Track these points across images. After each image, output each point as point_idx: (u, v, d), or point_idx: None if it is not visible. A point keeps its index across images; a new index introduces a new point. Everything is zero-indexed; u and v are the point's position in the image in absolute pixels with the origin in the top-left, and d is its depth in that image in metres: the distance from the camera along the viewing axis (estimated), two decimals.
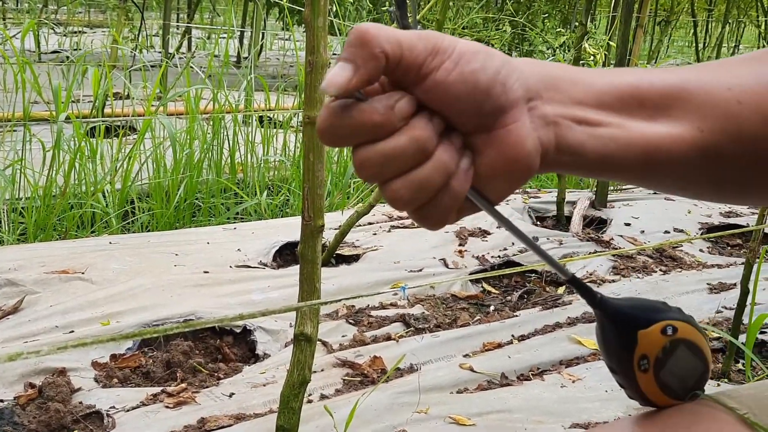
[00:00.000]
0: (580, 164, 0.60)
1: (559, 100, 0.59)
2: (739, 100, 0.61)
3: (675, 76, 0.63)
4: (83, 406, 1.68)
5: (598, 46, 4.87)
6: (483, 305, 2.40)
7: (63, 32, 7.77)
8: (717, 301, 2.40)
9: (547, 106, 0.58)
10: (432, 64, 0.54)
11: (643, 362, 0.65)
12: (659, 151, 0.60)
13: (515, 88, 0.56)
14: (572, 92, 0.59)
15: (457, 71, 0.54)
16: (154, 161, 3.22)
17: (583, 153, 0.59)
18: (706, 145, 0.61)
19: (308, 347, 1.33)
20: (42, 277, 2.22)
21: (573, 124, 0.59)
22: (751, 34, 10.00)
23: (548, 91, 0.58)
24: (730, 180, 0.64)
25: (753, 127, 0.61)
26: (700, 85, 0.62)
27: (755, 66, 0.64)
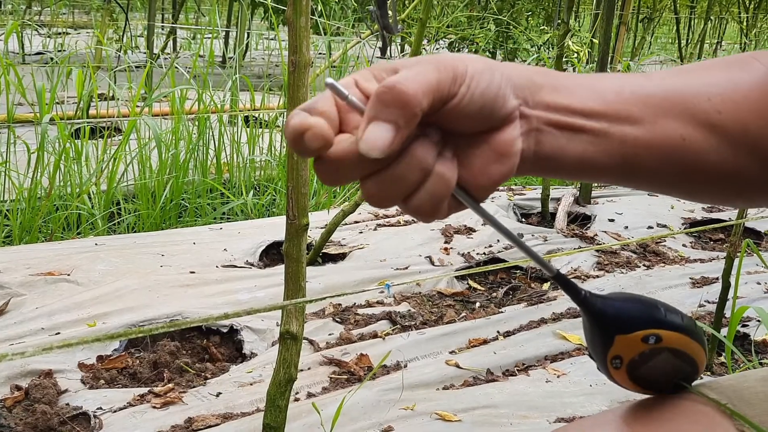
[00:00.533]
0: (559, 168, 0.61)
1: (544, 105, 0.60)
2: (718, 110, 0.63)
3: (656, 85, 0.63)
4: (70, 407, 1.68)
5: (582, 44, 4.90)
6: (469, 302, 2.41)
7: (47, 33, 7.73)
8: (700, 295, 2.43)
9: (533, 112, 0.59)
10: (453, 90, 0.55)
11: (615, 361, 0.66)
12: (640, 158, 0.61)
13: (511, 98, 0.58)
14: (555, 98, 0.60)
15: (469, 94, 0.55)
16: (140, 162, 3.21)
17: (562, 158, 0.60)
18: (688, 153, 0.62)
19: (294, 345, 1.34)
20: (28, 279, 2.21)
21: (554, 130, 0.60)
22: (732, 31, 10.07)
23: (533, 96, 0.59)
24: (711, 184, 0.65)
25: (733, 136, 0.63)
26: (681, 94, 0.63)
27: (733, 73, 0.65)
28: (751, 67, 0.65)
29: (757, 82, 0.64)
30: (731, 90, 0.63)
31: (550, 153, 0.60)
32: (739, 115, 0.63)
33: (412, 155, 0.55)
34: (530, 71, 0.61)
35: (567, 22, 2.96)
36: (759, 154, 0.63)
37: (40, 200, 2.87)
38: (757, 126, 0.63)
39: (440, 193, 0.56)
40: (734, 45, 9.54)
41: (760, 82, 0.64)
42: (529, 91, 0.59)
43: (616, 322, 0.64)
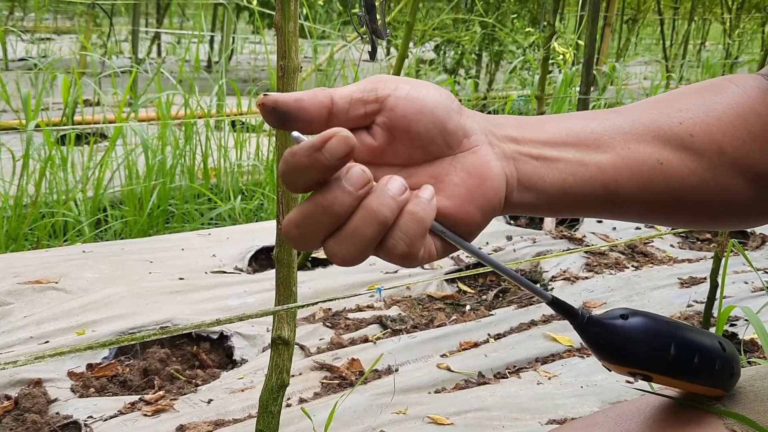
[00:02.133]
0: (544, 201, 0.60)
1: (511, 138, 0.59)
2: (690, 133, 0.63)
3: (623, 116, 0.64)
4: (60, 416, 1.67)
5: (567, 46, 4.92)
6: (459, 305, 2.41)
7: (30, 39, 7.68)
8: (688, 295, 2.44)
9: (501, 143, 0.59)
10: (386, 86, 0.55)
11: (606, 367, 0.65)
12: (620, 185, 0.61)
13: (470, 121, 0.58)
14: (521, 133, 0.60)
15: (414, 90, 0.56)
16: (126, 168, 3.20)
17: (544, 188, 0.60)
18: (668, 177, 0.63)
19: (286, 351, 1.33)
20: (15, 287, 2.20)
21: (530, 160, 0.59)
22: (716, 31, 10.14)
23: (497, 129, 0.59)
24: (696, 207, 0.65)
25: (709, 157, 0.63)
26: (651, 122, 0.63)
27: (705, 97, 0.66)
28: (725, 90, 0.66)
29: (731, 104, 0.65)
30: (703, 113, 0.64)
31: (532, 183, 0.59)
32: (712, 137, 0.63)
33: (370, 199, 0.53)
34: (485, 114, 0.61)
35: (553, 24, 2.97)
36: (741, 173, 0.64)
37: (26, 207, 2.85)
38: (733, 146, 0.63)
39: (413, 231, 0.53)
40: (718, 45, 9.61)
41: (733, 103, 0.65)
42: (490, 125, 0.59)
43: (605, 351, 0.62)
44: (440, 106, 0.56)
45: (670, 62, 7.58)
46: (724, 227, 0.69)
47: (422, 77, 5.60)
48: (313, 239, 0.53)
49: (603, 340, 0.62)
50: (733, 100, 0.65)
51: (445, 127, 0.56)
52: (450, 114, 0.56)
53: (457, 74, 5.90)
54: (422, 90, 0.56)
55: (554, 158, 0.60)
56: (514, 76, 5.63)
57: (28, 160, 2.88)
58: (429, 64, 6.13)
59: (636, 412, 0.71)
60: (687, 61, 7.93)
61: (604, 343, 0.62)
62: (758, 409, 0.68)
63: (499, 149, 0.58)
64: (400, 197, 0.53)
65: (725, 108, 0.64)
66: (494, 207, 0.57)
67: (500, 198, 0.57)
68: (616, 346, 0.62)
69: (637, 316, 0.63)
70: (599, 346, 0.62)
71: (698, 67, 8.05)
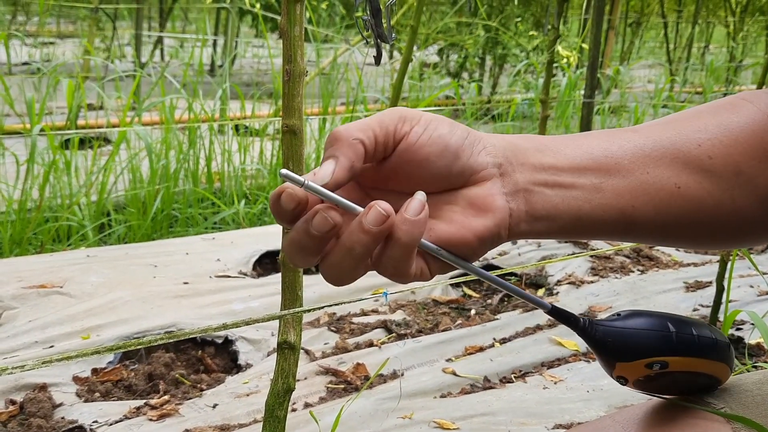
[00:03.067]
0: (556, 229, 0.61)
1: (530, 166, 0.60)
2: (709, 155, 0.63)
3: (645, 137, 0.64)
4: (65, 421, 1.66)
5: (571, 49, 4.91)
6: (464, 309, 2.41)
7: (33, 43, 7.70)
8: (694, 300, 2.43)
9: (517, 173, 0.59)
10: (402, 129, 0.57)
11: (620, 380, 0.65)
12: (637, 210, 0.61)
13: (483, 154, 0.59)
14: (541, 159, 0.60)
15: (426, 134, 0.58)
16: (130, 172, 3.20)
17: (557, 216, 0.60)
18: (685, 201, 0.62)
19: (292, 355, 1.33)
20: (20, 292, 2.19)
21: (545, 189, 0.60)
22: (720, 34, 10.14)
23: (517, 157, 0.60)
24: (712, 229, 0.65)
25: (727, 179, 0.63)
26: (671, 143, 0.63)
27: (722, 117, 0.65)
28: (740, 109, 0.66)
29: (747, 122, 0.65)
30: (720, 134, 0.64)
31: (544, 213, 0.60)
32: (730, 158, 0.63)
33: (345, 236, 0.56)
34: (512, 136, 0.62)
35: (557, 28, 2.96)
36: (757, 193, 0.64)
37: (31, 212, 2.85)
38: (749, 166, 0.63)
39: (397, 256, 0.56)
40: (722, 48, 9.60)
41: (749, 122, 0.65)
42: (511, 153, 0.60)
43: (616, 352, 0.63)
44: (451, 150, 0.58)
45: (674, 65, 7.58)
46: (741, 246, 0.69)
47: (425, 81, 5.60)
48: (306, 262, 0.57)
49: (611, 339, 0.63)
50: (749, 118, 0.65)
51: (453, 170, 0.58)
52: (460, 156, 0.58)
53: (460, 78, 5.90)
54: (434, 134, 0.58)
55: (571, 185, 0.60)
56: (518, 79, 5.63)
57: (32, 165, 2.88)
58: (432, 68, 6.13)
59: (643, 417, 0.70)
60: (691, 65, 7.93)
61: (613, 343, 0.63)
62: (765, 413, 0.68)
63: (510, 182, 0.59)
64: (378, 228, 0.54)
65: (742, 127, 0.64)
66: (495, 236, 0.59)
67: (502, 229, 0.59)
68: (625, 343, 0.63)
69: (627, 313, 0.65)
70: (608, 348, 0.63)
71: (702, 71, 8.05)
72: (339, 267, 0.56)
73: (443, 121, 0.59)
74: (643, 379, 0.65)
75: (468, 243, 0.58)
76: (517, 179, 0.59)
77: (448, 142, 0.58)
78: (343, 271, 0.56)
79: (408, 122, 0.58)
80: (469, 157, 0.58)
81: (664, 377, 0.65)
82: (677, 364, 0.65)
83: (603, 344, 0.63)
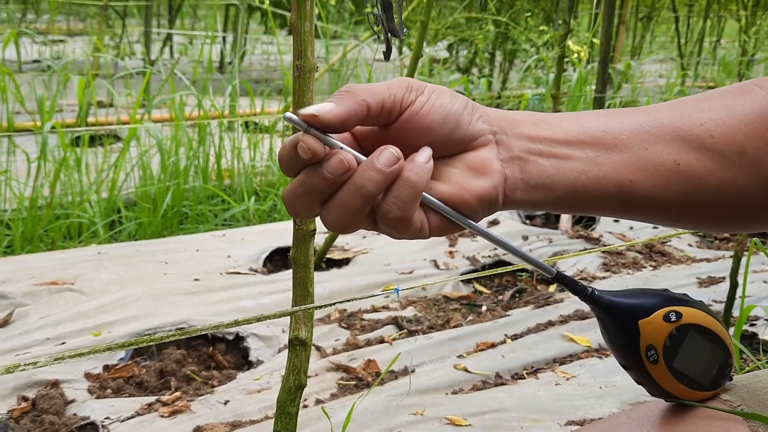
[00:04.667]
0: (553, 200, 0.62)
1: (525, 136, 0.61)
2: (711, 134, 0.63)
3: (644, 115, 0.64)
4: (77, 417, 1.67)
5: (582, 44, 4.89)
6: (475, 305, 2.40)
7: (43, 41, 7.72)
8: (707, 295, 2.42)
9: (512, 141, 0.61)
10: (408, 98, 0.59)
11: (650, 353, 0.64)
12: (635, 185, 0.61)
13: (481, 122, 0.61)
14: (536, 131, 0.62)
15: (429, 103, 0.60)
16: (140, 169, 3.20)
17: (553, 187, 0.61)
18: (684, 178, 0.62)
19: (303, 352, 1.32)
20: (31, 289, 2.20)
21: (539, 159, 0.61)
22: (731, 28, 10.07)
23: (512, 128, 0.62)
24: (712, 209, 0.64)
25: (729, 158, 0.63)
26: (671, 121, 0.63)
27: (728, 100, 0.65)
28: (749, 94, 0.65)
29: (754, 106, 0.64)
30: (725, 115, 0.64)
31: (540, 182, 0.61)
32: (733, 138, 0.63)
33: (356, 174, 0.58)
34: (507, 111, 0.64)
35: (568, 22, 2.95)
36: (762, 175, 0.63)
37: (42, 209, 2.85)
38: (754, 147, 0.63)
39: (404, 196, 0.58)
40: (734, 43, 9.54)
41: (757, 106, 0.64)
42: (506, 123, 0.62)
43: (633, 308, 0.64)
44: (452, 118, 0.60)
45: (685, 60, 7.53)
46: (747, 230, 0.69)
47: (435, 77, 5.59)
48: (308, 209, 0.59)
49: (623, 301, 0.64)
50: (757, 103, 0.64)
51: (454, 137, 0.60)
52: (460, 124, 0.60)
53: (470, 73, 5.88)
54: (437, 103, 0.60)
55: (567, 156, 0.61)
56: (528, 75, 5.60)
57: (43, 162, 2.89)
58: (442, 63, 6.11)
59: (658, 414, 0.70)
60: (702, 59, 7.88)
61: (627, 304, 0.64)
62: None
63: (505, 149, 0.61)
64: (390, 168, 0.57)
65: (749, 110, 0.64)
66: (493, 198, 0.60)
67: (499, 192, 0.60)
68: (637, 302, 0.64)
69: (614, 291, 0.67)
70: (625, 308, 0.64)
71: (714, 65, 8.00)
72: (345, 208, 0.58)
73: (445, 91, 0.61)
74: (669, 345, 0.64)
75: (467, 203, 0.60)
76: (512, 147, 0.61)
77: (449, 110, 0.60)
78: (349, 212, 0.58)
79: (414, 91, 0.60)
80: (468, 124, 0.60)
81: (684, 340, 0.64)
82: (689, 315, 0.65)
83: (618, 305, 0.64)
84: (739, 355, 1.96)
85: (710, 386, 0.67)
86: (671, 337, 0.64)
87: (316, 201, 0.58)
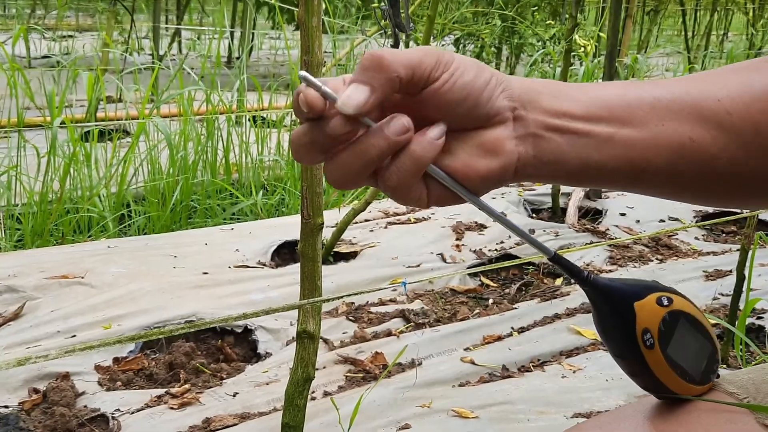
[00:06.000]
0: (563, 174, 0.62)
1: (544, 110, 0.61)
2: (728, 110, 0.62)
3: (663, 89, 0.63)
4: (88, 409, 1.69)
5: (589, 38, 4.88)
6: (482, 299, 2.41)
7: (52, 37, 7.75)
8: (714, 288, 2.42)
9: (530, 115, 0.60)
10: (434, 74, 0.58)
11: (646, 337, 0.64)
12: (647, 161, 0.61)
13: (501, 98, 0.60)
14: (555, 104, 0.61)
15: (452, 81, 0.58)
16: (149, 164, 3.22)
17: (565, 162, 0.61)
18: (697, 154, 0.62)
19: (311, 344, 1.34)
20: (42, 282, 2.22)
21: (554, 135, 0.60)
22: (739, 22, 10.02)
23: (531, 102, 0.61)
24: (722, 185, 0.64)
25: (744, 136, 0.62)
26: (689, 97, 0.63)
27: (744, 75, 0.64)
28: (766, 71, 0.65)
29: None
30: (742, 91, 0.63)
31: (552, 158, 0.61)
32: (749, 115, 0.62)
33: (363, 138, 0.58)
34: (533, 81, 0.63)
35: (575, 16, 2.95)
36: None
37: (51, 204, 2.88)
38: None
39: (407, 168, 0.58)
40: (741, 36, 9.50)
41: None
42: (527, 96, 0.61)
43: (627, 291, 0.64)
44: (472, 97, 0.59)
45: (692, 53, 7.51)
46: (753, 206, 0.69)
47: None
48: (310, 158, 0.59)
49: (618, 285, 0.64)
50: None
51: (471, 116, 0.60)
52: (479, 103, 0.59)
53: None
54: (460, 81, 0.59)
55: (583, 132, 0.61)
56: (534, 69, 5.60)
57: (53, 157, 2.91)
58: None
59: (665, 407, 0.70)
60: (709, 52, 7.85)
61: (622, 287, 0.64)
62: None
63: (522, 126, 0.60)
64: (397, 138, 0.57)
65: (765, 87, 0.63)
66: (499, 177, 0.60)
67: (508, 172, 0.60)
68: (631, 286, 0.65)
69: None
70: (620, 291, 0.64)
71: (721, 58, 7.97)
72: (347, 167, 0.58)
73: (470, 67, 0.59)
74: (664, 330, 0.64)
75: (471, 180, 0.60)
76: (529, 123, 0.60)
77: (471, 89, 0.59)
78: (349, 172, 0.58)
79: (441, 67, 0.58)
80: (487, 102, 0.59)
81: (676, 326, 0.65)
82: (678, 302, 0.66)
83: (613, 289, 0.64)
84: (743, 347, 1.96)
85: (700, 380, 0.67)
86: (664, 322, 0.64)
87: (318, 151, 0.58)
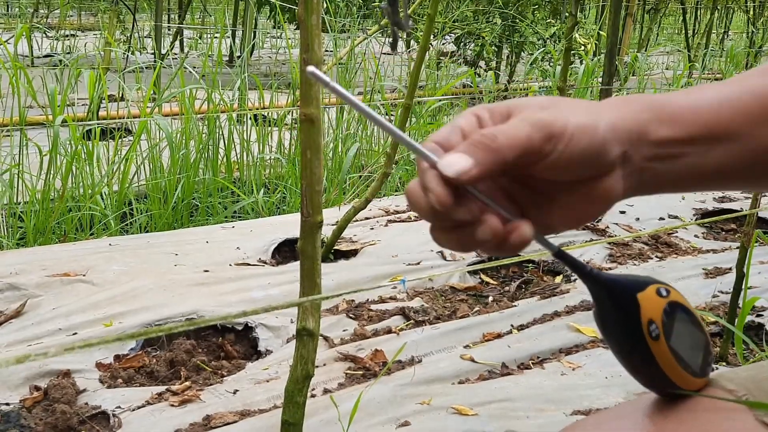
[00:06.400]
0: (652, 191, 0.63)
1: (649, 143, 0.60)
2: None
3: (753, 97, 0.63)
4: (89, 406, 1.69)
5: (589, 36, 4.89)
6: (482, 296, 2.42)
7: (55, 36, 7.76)
8: (713, 286, 2.42)
9: (636, 152, 0.60)
10: (546, 149, 0.56)
11: (652, 327, 0.64)
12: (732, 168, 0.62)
13: (615, 149, 0.58)
14: (661, 132, 0.60)
15: (567, 153, 0.57)
16: (151, 162, 3.23)
17: (658, 184, 0.62)
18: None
19: (311, 342, 1.35)
20: (43, 280, 2.23)
21: (655, 163, 0.61)
22: (739, 20, 10.02)
23: (640, 137, 0.60)
24: None
25: None
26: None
27: None
28: None
29: None
30: None
31: (649, 183, 0.61)
32: None
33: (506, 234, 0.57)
34: (636, 109, 0.61)
35: (575, 15, 2.95)
36: None
37: (53, 202, 2.89)
38: None
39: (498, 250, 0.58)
40: (741, 35, 9.49)
41: None
42: (636, 134, 0.60)
43: (629, 283, 0.65)
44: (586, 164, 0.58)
45: (692, 52, 7.51)
46: None
47: (443, 70, 5.59)
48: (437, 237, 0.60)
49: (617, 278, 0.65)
50: None
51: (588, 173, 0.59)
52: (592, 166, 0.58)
53: (477, 66, 5.88)
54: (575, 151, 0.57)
55: (680, 155, 0.61)
56: (534, 67, 5.60)
57: (55, 155, 2.92)
58: (449, 57, 6.12)
59: (664, 404, 0.70)
60: (710, 51, 7.85)
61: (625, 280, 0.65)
62: None
63: (629, 165, 0.60)
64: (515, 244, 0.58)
65: None
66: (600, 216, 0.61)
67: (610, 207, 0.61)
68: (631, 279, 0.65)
69: None
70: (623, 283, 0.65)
71: (721, 57, 7.96)
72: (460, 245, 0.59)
73: (584, 131, 0.57)
74: (666, 321, 0.65)
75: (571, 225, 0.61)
76: (635, 160, 0.60)
77: (585, 158, 0.57)
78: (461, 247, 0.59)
79: (553, 141, 0.56)
80: (603, 160, 0.58)
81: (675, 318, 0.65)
82: (675, 295, 0.66)
83: (616, 283, 0.65)
84: (742, 345, 1.97)
85: (700, 373, 0.68)
86: (666, 312, 0.65)
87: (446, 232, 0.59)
